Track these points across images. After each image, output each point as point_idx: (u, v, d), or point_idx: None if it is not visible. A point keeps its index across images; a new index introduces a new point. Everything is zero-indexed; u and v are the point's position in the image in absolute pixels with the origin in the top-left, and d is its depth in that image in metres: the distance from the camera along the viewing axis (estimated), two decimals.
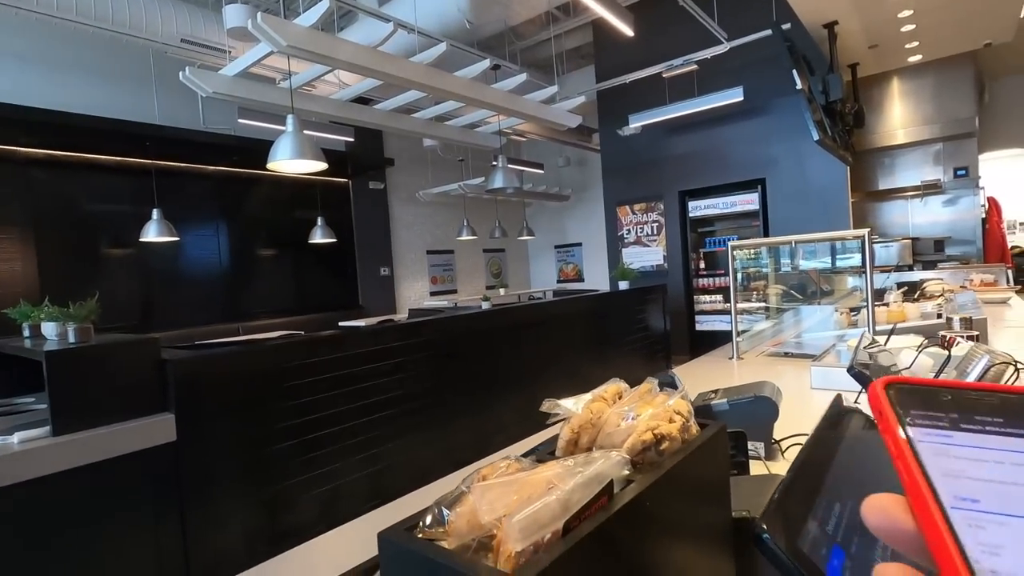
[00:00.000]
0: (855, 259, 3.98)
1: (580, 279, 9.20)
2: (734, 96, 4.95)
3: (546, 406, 0.49)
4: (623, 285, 5.01)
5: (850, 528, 0.41)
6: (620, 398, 0.53)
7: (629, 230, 6.65)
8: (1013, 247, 5.38)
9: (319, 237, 6.03)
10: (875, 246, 5.46)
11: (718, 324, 6.07)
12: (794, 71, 3.72)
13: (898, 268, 5.16)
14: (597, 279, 8.54)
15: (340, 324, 5.52)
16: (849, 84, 5.06)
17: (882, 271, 4.94)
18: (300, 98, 4.01)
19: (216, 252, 5.87)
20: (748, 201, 5.78)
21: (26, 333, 2.18)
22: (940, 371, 1.07)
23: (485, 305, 4.97)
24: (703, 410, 1.18)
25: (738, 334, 2.32)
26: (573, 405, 0.49)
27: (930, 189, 5.74)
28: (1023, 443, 0.22)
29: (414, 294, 7.81)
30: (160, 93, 5.06)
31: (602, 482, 0.37)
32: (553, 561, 0.31)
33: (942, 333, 1.75)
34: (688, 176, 6.14)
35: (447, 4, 4.31)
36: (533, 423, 1.40)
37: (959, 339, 1.49)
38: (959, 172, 5.58)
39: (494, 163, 4.76)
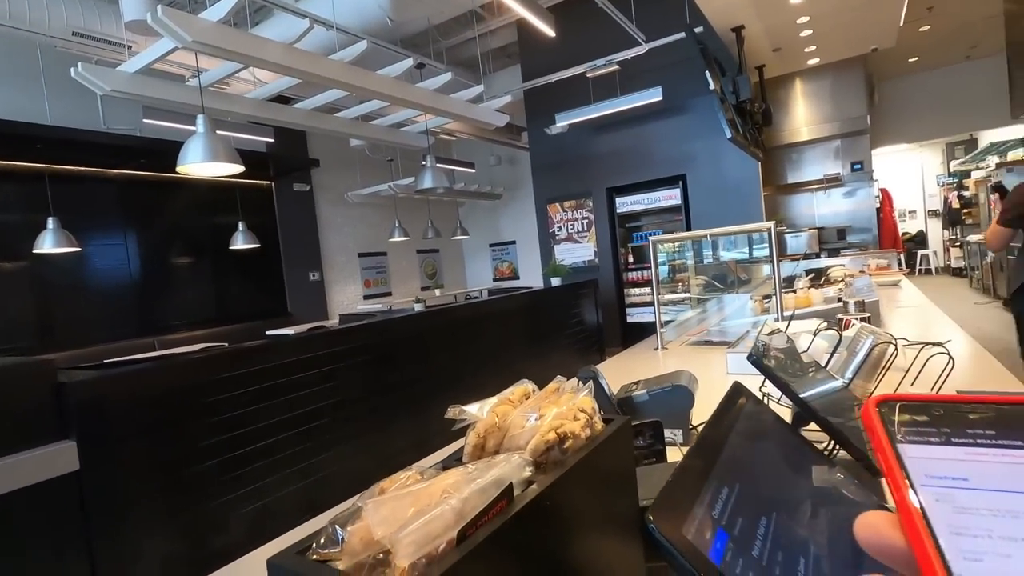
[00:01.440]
0: (767, 249, 4.25)
1: (516, 277, 9.27)
2: (653, 96, 5.15)
3: (451, 412, 0.49)
4: (556, 281, 5.09)
5: (735, 511, 0.44)
6: (527, 399, 0.54)
7: (560, 227, 6.77)
8: (903, 233, 5.93)
9: (241, 243, 5.73)
10: (786, 236, 5.86)
11: (648, 316, 6.30)
12: (707, 72, 3.91)
13: (807, 256, 5.56)
14: (532, 276, 8.64)
15: (267, 333, 5.27)
16: (757, 85, 5.39)
17: (792, 259, 5.30)
18: (212, 97, 3.79)
19: (125, 262, 5.45)
20: (671, 196, 6.03)
21: None
22: (833, 352, 1.17)
23: (418, 307, 4.91)
24: (625, 402, 1.22)
25: (663, 324, 2.41)
26: (478, 410, 0.49)
27: (831, 182, 6.22)
28: (1015, 455, 0.22)
29: (346, 298, 7.60)
30: (51, 91, 4.63)
31: (501, 486, 0.38)
32: (445, 572, 0.31)
33: (839, 316, 1.90)
34: (615, 173, 6.33)
35: (367, 1, 4.21)
36: None
37: (853, 321, 1.63)
38: (855, 166, 6.09)
39: (423, 163, 4.70)
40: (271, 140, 5.38)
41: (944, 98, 7.88)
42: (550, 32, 4.23)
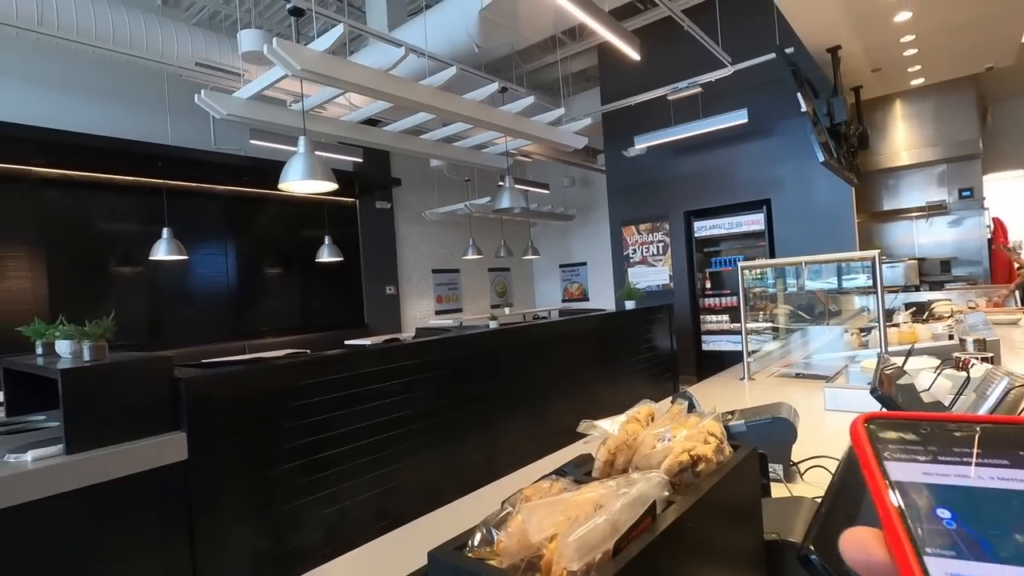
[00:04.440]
0: (860, 279, 3.97)
1: (585, 298, 9.20)
2: (739, 118, 5.01)
3: (582, 426, 0.49)
4: (629, 305, 5.01)
5: None
6: (652, 419, 0.53)
7: (635, 250, 6.67)
8: (1020, 268, 5.36)
9: (326, 256, 6.07)
10: (882, 267, 5.46)
11: (724, 344, 6.04)
12: (798, 94, 3.77)
13: (905, 288, 5.15)
14: (602, 299, 8.54)
15: (346, 343, 5.52)
16: (853, 106, 5.11)
17: (889, 291, 4.93)
18: (310, 119, 4.08)
19: (224, 271, 5.91)
20: (754, 221, 5.80)
21: (39, 351, 2.20)
22: (959, 393, 1.07)
23: (492, 324, 4.97)
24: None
25: (748, 354, 2.31)
26: (609, 426, 0.49)
27: (935, 210, 5.76)
28: (998, 473, 0.22)
29: (419, 312, 7.83)
30: (172, 114, 5.16)
31: (646, 503, 0.38)
32: None
33: (956, 354, 1.74)
34: (693, 196, 6.18)
35: (456, 29, 4.40)
36: (542, 443, 1.40)
37: (974, 360, 1.49)
38: (964, 193, 5.60)
39: (501, 183, 4.80)
40: (359, 160, 5.69)
41: None
42: (635, 56, 4.24)
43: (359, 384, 2.65)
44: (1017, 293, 4.70)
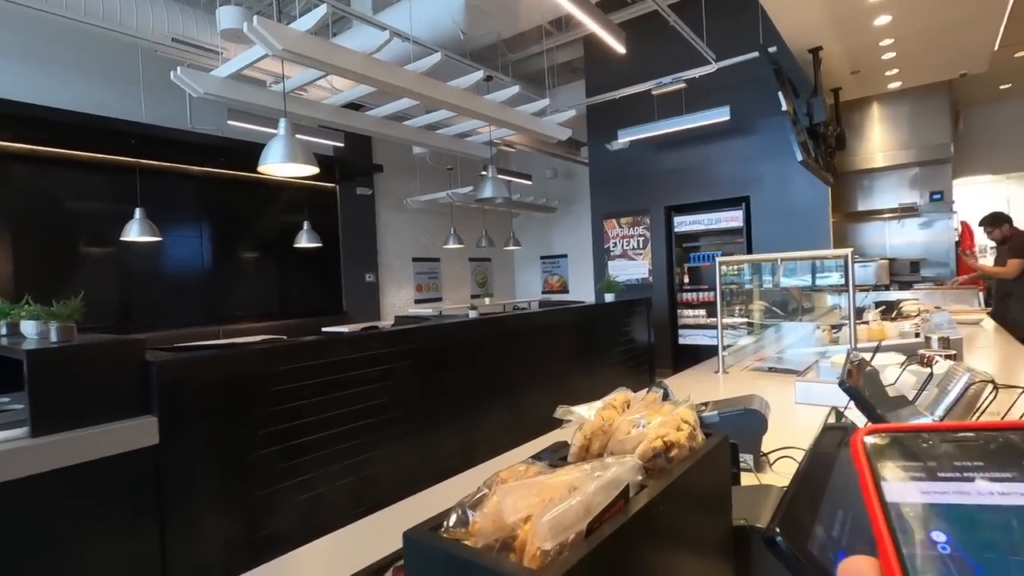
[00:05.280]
0: (833, 278, 4.07)
1: (565, 291, 9.24)
2: (721, 115, 5.06)
3: (559, 412, 0.50)
4: (608, 297, 5.05)
5: (853, 533, 0.43)
6: (628, 406, 0.54)
7: (615, 243, 6.72)
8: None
9: (304, 241, 5.98)
10: (854, 265, 5.59)
11: (700, 338, 6.14)
12: (780, 93, 3.82)
13: (876, 287, 5.29)
14: (582, 291, 8.59)
15: (323, 329, 5.47)
16: (831, 107, 5.20)
17: (860, 290, 5.06)
18: (291, 102, 4.00)
19: (199, 253, 5.79)
20: (732, 218, 5.88)
21: (2, 331, 2.13)
22: (922, 388, 1.11)
23: (472, 314, 4.97)
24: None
25: (723, 348, 2.35)
26: (586, 412, 0.50)
27: (907, 212, 5.91)
28: (1002, 487, 0.21)
29: (399, 301, 7.78)
30: (147, 91, 5.01)
31: (619, 486, 0.38)
32: (579, 560, 0.32)
33: (921, 352, 1.80)
34: (675, 192, 6.24)
35: (442, 15, 4.35)
36: (519, 432, 1.41)
37: (937, 358, 1.54)
38: (935, 196, 5.76)
39: (483, 173, 4.78)
40: (341, 144, 5.60)
41: None
42: (620, 49, 4.24)
43: (336, 371, 2.63)
44: (980, 294, 4.87)
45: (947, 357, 1.65)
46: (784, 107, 3.82)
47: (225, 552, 2.06)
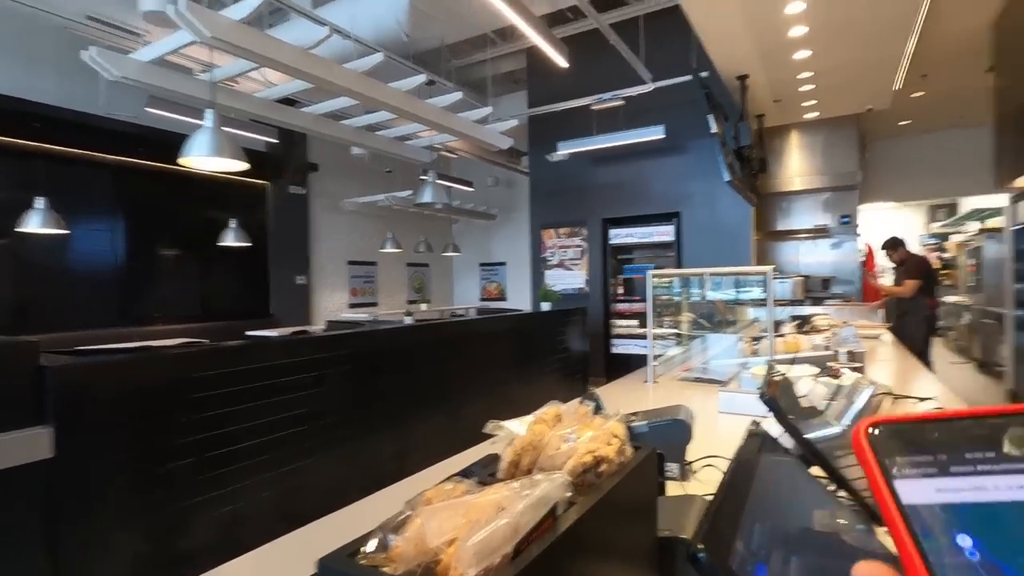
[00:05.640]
0: (755, 292, 4.31)
1: (503, 298, 9.27)
2: (656, 133, 5.26)
3: (489, 427, 0.49)
4: (545, 306, 5.11)
5: (770, 546, 0.44)
6: (560, 420, 0.54)
7: (553, 253, 6.82)
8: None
9: (231, 240, 5.67)
10: (774, 282, 5.96)
11: (632, 348, 6.32)
12: (710, 116, 4.02)
13: (792, 303, 5.65)
14: (519, 299, 8.65)
15: (247, 333, 5.19)
16: (756, 132, 5.54)
17: (778, 304, 5.39)
18: (220, 92, 3.78)
19: (110, 249, 5.35)
20: (665, 233, 6.12)
21: None
22: (832, 399, 1.18)
23: (408, 320, 4.88)
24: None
25: (654, 359, 2.43)
26: (516, 427, 0.49)
27: (819, 232, 6.38)
28: (1020, 480, 0.19)
29: (332, 305, 7.52)
30: (56, 71, 4.59)
31: (548, 504, 0.38)
32: None
33: (830, 364, 1.93)
34: (611, 205, 6.42)
35: (385, 15, 4.27)
36: (455, 440, 1.39)
37: (844, 370, 1.66)
38: (843, 219, 6.25)
39: (423, 177, 4.72)
40: (274, 140, 5.37)
41: (931, 162, 8.17)
42: (563, 63, 4.33)
43: (262, 377, 2.50)
44: (881, 311, 5.31)
45: (854, 369, 1.78)
46: (714, 129, 4.02)
47: (133, 572, 1.89)
